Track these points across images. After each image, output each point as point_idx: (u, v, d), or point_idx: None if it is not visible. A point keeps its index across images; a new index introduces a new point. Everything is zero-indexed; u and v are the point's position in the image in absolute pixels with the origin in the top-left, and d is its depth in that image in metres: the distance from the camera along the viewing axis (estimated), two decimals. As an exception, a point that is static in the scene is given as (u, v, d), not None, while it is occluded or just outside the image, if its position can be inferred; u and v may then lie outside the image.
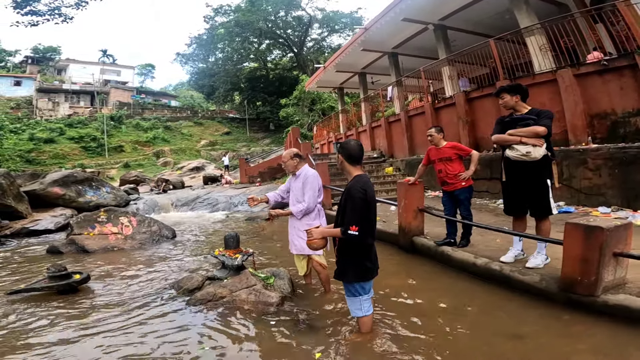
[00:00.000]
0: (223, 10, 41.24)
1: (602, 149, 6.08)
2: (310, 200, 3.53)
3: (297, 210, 3.56)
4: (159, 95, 56.77)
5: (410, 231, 5.06)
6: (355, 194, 2.36)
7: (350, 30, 39.52)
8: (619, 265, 2.81)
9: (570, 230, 2.87)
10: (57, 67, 53.67)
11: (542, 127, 3.32)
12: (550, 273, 3.24)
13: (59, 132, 37.60)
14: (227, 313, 3.27)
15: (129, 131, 42.50)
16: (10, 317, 3.43)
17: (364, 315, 2.58)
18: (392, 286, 3.76)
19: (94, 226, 6.88)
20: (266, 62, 46.72)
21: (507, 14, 9.69)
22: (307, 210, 3.55)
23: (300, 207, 3.54)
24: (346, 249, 2.49)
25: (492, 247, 4.35)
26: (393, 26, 11.20)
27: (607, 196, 5.94)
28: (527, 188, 3.48)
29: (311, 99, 29.40)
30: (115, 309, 3.58)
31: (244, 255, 4.14)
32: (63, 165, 31.55)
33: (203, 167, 30.64)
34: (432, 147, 4.69)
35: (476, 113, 9.15)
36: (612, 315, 2.64)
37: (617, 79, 6.42)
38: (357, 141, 2.66)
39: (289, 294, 3.66)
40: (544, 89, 7.39)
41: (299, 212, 3.55)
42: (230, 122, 50.98)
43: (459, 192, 4.42)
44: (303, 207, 3.53)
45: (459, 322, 2.91)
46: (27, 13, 16.78)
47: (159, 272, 4.95)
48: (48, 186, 10.53)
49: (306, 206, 3.52)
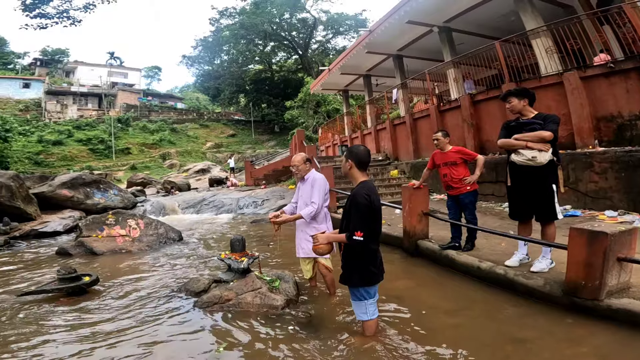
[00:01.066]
0: (228, 12, 41.60)
1: (609, 152, 6.05)
2: (319, 202, 3.54)
3: (306, 213, 3.54)
4: (165, 97, 57.23)
5: (415, 235, 5.08)
6: (360, 200, 2.39)
7: (354, 32, 39.64)
8: (622, 269, 2.82)
9: (574, 235, 2.89)
10: (66, 70, 54.33)
11: (549, 132, 3.33)
12: (555, 277, 3.25)
13: (67, 134, 38.10)
14: (233, 315, 3.31)
15: (136, 133, 42.90)
16: (22, 319, 3.50)
17: (369, 319, 2.61)
18: (396, 289, 3.78)
19: (103, 228, 6.97)
20: (271, 64, 46.95)
21: (512, 16, 9.68)
22: (316, 212, 3.55)
23: (310, 209, 3.54)
24: (352, 254, 2.52)
25: (496, 251, 4.35)
26: (398, 28, 11.23)
27: (614, 200, 5.91)
28: (532, 193, 3.49)
29: (316, 101, 29.46)
30: (124, 311, 3.64)
31: (249, 258, 4.18)
32: (71, 167, 31.91)
33: (209, 169, 30.80)
34: (437, 151, 4.71)
35: (482, 116, 9.14)
36: (616, 319, 2.66)
37: (623, 82, 6.39)
38: (366, 147, 2.69)
39: (294, 297, 3.70)
40: (550, 91, 7.37)
41: (308, 214, 3.53)
42: (235, 124, 51.25)
43: (464, 196, 4.43)
44: (312, 210, 3.52)
45: (463, 325, 2.93)
46: (36, 16, 17.01)
47: (166, 274, 5.01)
48: (57, 188, 10.67)
49: (316, 207, 3.52)
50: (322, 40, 44.66)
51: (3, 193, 8.67)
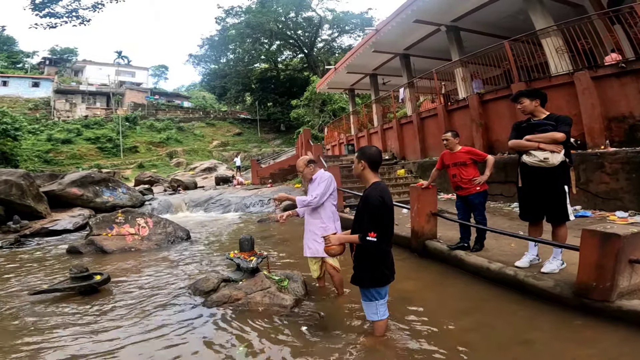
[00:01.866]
0: (234, 11, 41.74)
1: (620, 152, 5.99)
2: (318, 196, 3.54)
3: (300, 200, 3.60)
4: (172, 96, 57.60)
5: (423, 235, 5.07)
6: (374, 202, 2.39)
7: (360, 31, 39.54)
8: (634, 271, 2.81)
9: (587, 237, 2.87)
10: (74, 69, 54.93)
11: (561, 133, 3.31)
12: (565, 279, 3.23)
13: (76, 132, 38.56)
14: (243, 315, 3.34)
15: (143, 132, 43.27)
16: (34, 318, 3.55)
17: (380, 319, 2.62)
18: (405, 290, 3.77)
19: (112, 227, 7.05)
20: (277, 63, 47.02)
21: (521, 15, 9.60)
22: (309, 203, 3.56)
23: (305, 197, 3.58)
24: (363, 255, 2.53)
25: (506, 252, 4.33)
26: (405, 28, 11.19)
27: (625, 201, 5.85)
28: (544, 194, 3.46)
29: (322, 100, 29.46)
30: (135, 310, 3.68)
31: (258, 257, 4.21)
32: (80, 166, 32.28)
33: (215, 167, 30.97)
34: (446, 152, 4.69)
35: (490, 115, 9.08)
36: (626, 320, 2.64)
37: (635, 82, 6.32)
38: (377, 148, 2.68)
39: (303, 296, 3.72)
40: (561, 91, 7.30)
41: (301, 201, 3.59)
42: (241, 123, 51.44)
43: (473, 196, 4.41)
44: (308, 198, 3.55)
45: (471, 326, 2.93)
46: (45, 15, 17.19)
47: (175, 273, 5.06)
48: (67, 187, 10.81)
49: (310, 200, 3.54)
50: (327, 39, 44.64)
51: (14, 191, 8.80)
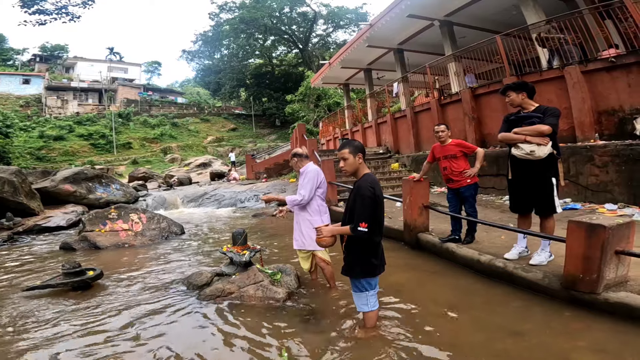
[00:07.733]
0: (228, 7, 41.34)
1: (609, 145, 6.06)
2: (305, 194, 3.56)
3: (290, 200, 3.62)
4: (165, 92, 57.12)
5: (416, 228, 5.11)
6: (365, 192, 2.42)
7: (355, 26, 39.44)
8: (620, 263, 2.84)
9: (573, 228, 2.90)
10: (65, 65, 54.17)
11: (547, 125, 3.33)
12: (553, 270, 3.28)
13: (69, 129, 38.08)
14: (236, 308, 3.36)
15: (137, 128, 42.91)
16: (27, 314, 3.55)
17: (370, 310, 2.65)
18: (396, 282, 3.82)
19: (105, 223, 7.03)
20: (271, 58, 46.76)
21: (514, 10, 9.64)
22: (300, 202, 3.58)
23: (295, 197, 3.59)
24: (354, 246, 2.56)
25: (496, 244, 4.39)
26: (399, 22, 11.18)
27: (614, 193, 5.93)
28: (532, 186, 3.51)
29: (317, 95, 29.34)
30: (128, 304, 3.69)
31: (251, 251, 4.22)
32: (73, 162, 31.99)
33: (210, 163, 30.88)
34: (436, 145, 4.72)
35: (483, 109, 9.13)
36: (613, 312, 2.67)
37: (625, 76, 6.38)
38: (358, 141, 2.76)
39: (295, 289, 3.75)
40: (552, 85, 7.36)
41: (291, 200, 3.61)
42: (236, 119, 51.18)
43: (464, 189, 4.46)
44: (297, 198, 3.58)
45: (462, 318, 2.97)
46: (34, 12, 16.98)
47: (168, 268, 5.07)
48: (59, 183, 10.73)
49: (300, 199, 3.56)
50: (322, 34, 44.43)
51: (6, 188, 8.72)
